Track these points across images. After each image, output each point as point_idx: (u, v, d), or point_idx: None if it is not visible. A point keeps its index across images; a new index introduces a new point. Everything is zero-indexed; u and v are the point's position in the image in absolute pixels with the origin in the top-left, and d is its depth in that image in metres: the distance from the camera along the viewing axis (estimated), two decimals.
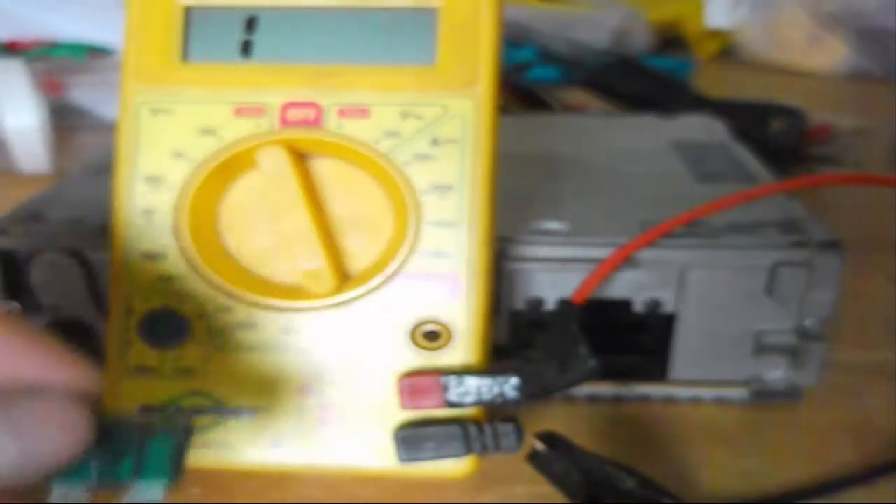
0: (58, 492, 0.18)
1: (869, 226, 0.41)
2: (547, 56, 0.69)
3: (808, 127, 0.54)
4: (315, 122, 0.25)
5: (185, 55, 0.26)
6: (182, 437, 0.20)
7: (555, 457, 0.24)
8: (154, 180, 0.25)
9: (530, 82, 0.65)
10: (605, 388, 0.31)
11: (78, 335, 0.29)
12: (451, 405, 0.24)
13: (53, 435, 0.18)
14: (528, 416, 0.25)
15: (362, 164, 0.25)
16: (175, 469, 0.19)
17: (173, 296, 0.25)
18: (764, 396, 0.30)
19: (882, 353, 0.34)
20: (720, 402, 0.31)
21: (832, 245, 0.28)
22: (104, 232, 0.26)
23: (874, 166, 0.55)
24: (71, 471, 0.18)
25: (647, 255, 0.28)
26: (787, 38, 0.87)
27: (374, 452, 0.25)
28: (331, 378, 0.25)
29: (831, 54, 0.84)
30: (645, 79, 0.61)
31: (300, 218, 0.25)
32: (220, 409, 0.25)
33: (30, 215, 0.30)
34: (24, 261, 0.29)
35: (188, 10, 0.26)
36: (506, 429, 0.24)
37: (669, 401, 0.31)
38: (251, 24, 0.26)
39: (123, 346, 0.25)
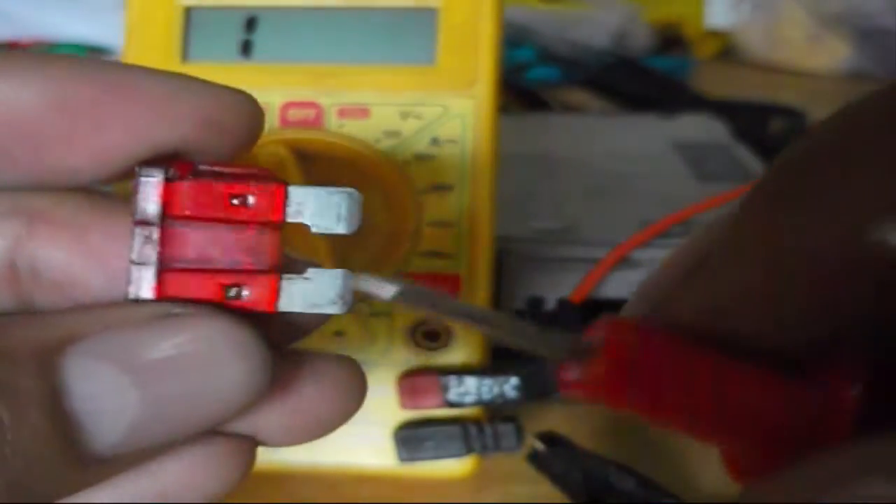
0: None
1: None
2: (547, 56, 0.69)
3: (808, 127, 0.54)
4: (315, 122, 0.25)
5: (185, 55, 0.26)
6: None
7: (555, 457, 0.24)
8: None
9: (530, 82, 0.65)
10: None
11: None
12: (451, 405, 0.24)
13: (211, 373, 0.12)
14: (528, 416, 0.25)
15: (362, 164, 0.25)
16: None
17: None
18: None
19: None
20: None
21: None
22: None
23: None
24: None
25: (645, 254, 0.28)
26: (787, 38, 0.87)
27: (374, 452, 0.25)
28: None
29: (831, 54, 0.84)
30: (645, 79, 0.60)
31: None
32: None
33: None
34: None
35: (188, 10, 0.26)
36: (506, 429, 0.24)
37: None
38: (251, 24, 0.26)
39: None
